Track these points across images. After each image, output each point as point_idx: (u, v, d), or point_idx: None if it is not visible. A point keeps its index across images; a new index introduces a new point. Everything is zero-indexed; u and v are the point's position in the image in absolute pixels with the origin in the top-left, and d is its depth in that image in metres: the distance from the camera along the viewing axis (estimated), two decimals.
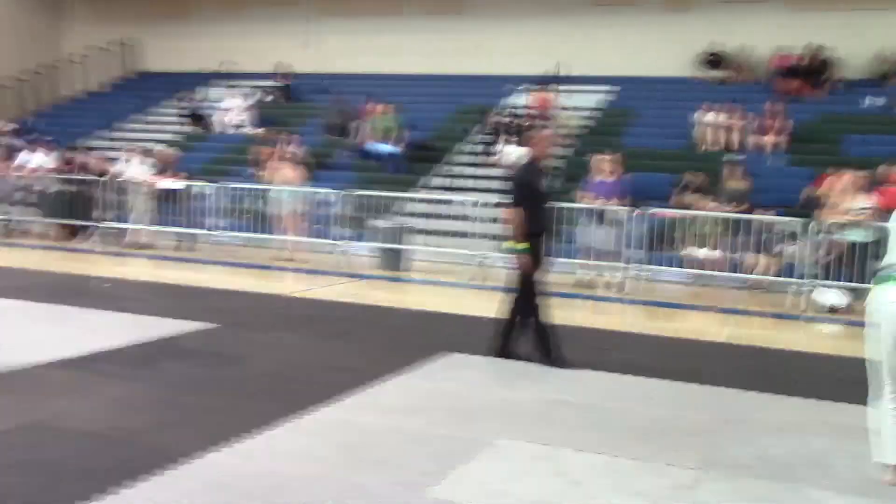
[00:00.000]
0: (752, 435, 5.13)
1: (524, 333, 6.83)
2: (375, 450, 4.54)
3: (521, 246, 6.59)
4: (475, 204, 12.97)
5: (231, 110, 19.83)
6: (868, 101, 17.50)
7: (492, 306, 7.15)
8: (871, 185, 11.86)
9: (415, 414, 5.23)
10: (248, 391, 5.62)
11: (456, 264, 12.69)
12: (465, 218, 13.79)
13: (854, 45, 18.30)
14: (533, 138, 7.15)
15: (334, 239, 13.34)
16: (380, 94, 18.07)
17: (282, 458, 4.35)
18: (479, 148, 17.06)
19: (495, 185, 15.93)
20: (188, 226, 14.38)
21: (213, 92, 22.14)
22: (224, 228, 14.24)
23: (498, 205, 13.75)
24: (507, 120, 16.98)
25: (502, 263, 12.91)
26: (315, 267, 12.68)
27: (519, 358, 6.80)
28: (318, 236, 13.69)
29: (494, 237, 13.36)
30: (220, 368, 6.21)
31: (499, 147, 16.39)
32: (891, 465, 4.20)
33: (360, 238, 13.71)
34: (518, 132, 16.27)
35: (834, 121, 17.03)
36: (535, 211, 6.68)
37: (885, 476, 4.22)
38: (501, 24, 20.98)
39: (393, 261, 12.80)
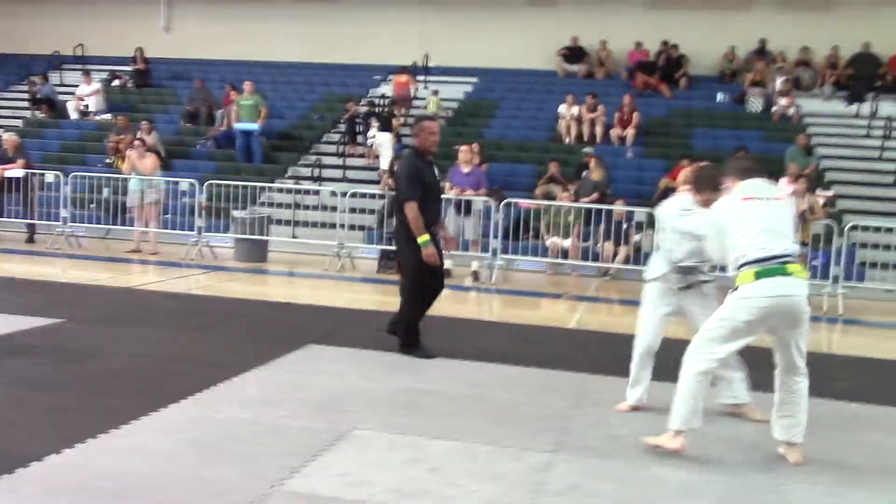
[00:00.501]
0: (602, 417, 5.32)
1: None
2: (233, 444, 4.45)
3: (423, 239, 6.43)
4: (342, 194, 12.87)
5: (85, 96, 18.93)
6: (720, 97, 18.42)
7: (354, 297, 7.15)
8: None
9: (274, 406, 5.15)
10: (98, 388, 5.39)
11: (318, 255, 12.58)
12: (327, 208, 13.69)
13: (705, 43, 19.22)
14: (416, 129, 6.88)
15: (192, 230, 12.97)
16: (244, 81, 17.65)
17: (134, 457, 4.19)
18: (346, 138, 16.95)
19: (360, 175, 15.92)
20: (38, 217, 13.67)
21: (68, 77, 21.13)
22: (76, 220, 13.61)
23: (363, 195, 13.78)
24: (364, 109, 16.94)
25: (364, 254, 12.97)
26: (173, 259, 12.31)
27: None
28: (176, 227, 13.29)
29: (360, 228, 13.35)
30: (68, 365, 5.92)
31: (371, 133, 16.37)
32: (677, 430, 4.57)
33: (220, 229, 13.39)
34: (386, 120, 16.28)
35: (686, 115, 17.84)
36: (424, 202, 6.51)
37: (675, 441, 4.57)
38: (371, 14, 20.90)
39: (254, 252, 12.56)
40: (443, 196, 8.23)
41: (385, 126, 16.07)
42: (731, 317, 4.49)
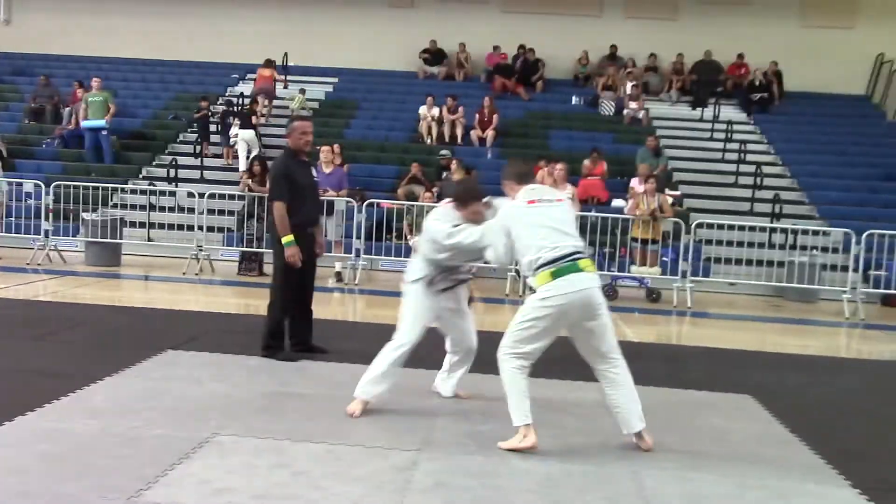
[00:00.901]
0: (465, 414, 5.39)
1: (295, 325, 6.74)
2: (84, 456, 4.25)
3: (286, 239, 6.41)
4: (200, 195, 12.51)
5: None
6: (575, 100, 19.02)
7: (213, 300, 6.95)
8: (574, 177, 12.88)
9: (128, 416, 4.95)
10: None
11: (176, 258, 12.20)
12: (184, 210, 13.28)
13: (560, 48, 19.80)
14: (290, 130, 6.84)
15: (38, 233, 12.31)
16: (92, 78, 16.89)
17: None
18: (200, 137, 16.49)
19: (218, 175, 15.53)
20: None
21: None
22: None
23: (222, 196, 13.44)
24: (221, 108, 16.57)
25: (224, 256, 12.66)
26: (16, 264, 11.66)
27: (313, 350, 6.75)
28: (20, 231, 12.58)
29: (219, 229, 13.01)
30: None
31: (233, 132, 16.05)
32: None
33: (69, 232, 12.77)
34: (246, 117, 15.98)
35: (542, 117, 18.32)
36: (298, 203, 6.49)
37: (527, 439, 4.67)
38: (227, 11, 20.42)
39: (106, 256, 12.04)
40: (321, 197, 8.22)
41: (245, 124, 15.79)
42: (534, 316, 4.66)
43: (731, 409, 5.96)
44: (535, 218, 4.70)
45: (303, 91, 18.24)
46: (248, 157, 14.73)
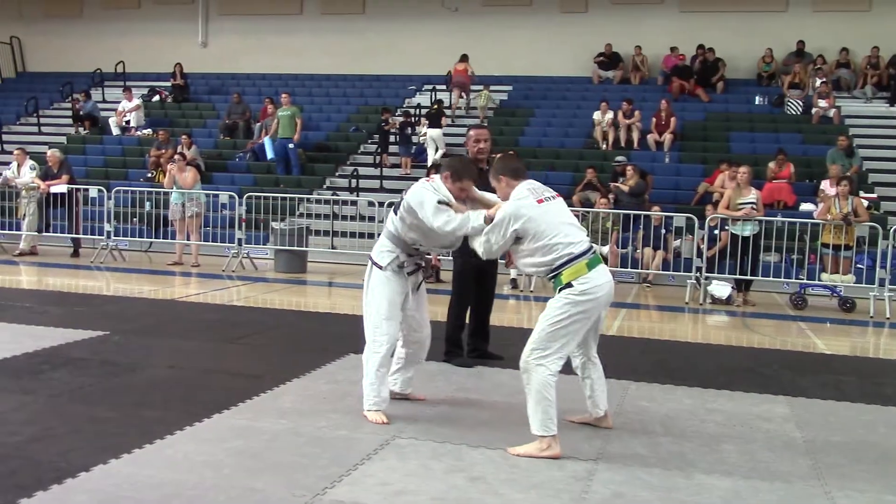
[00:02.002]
0: (643, 425, 5.26)
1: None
2: (274, 454, 4.47)
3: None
4: (379, 204, 12.92)
5: (126, 112, 19.24)
6: (758, 100, 18.24)
7: None
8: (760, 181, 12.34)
9: (315, 416, 5.17)
10: (141, 400, 5.45)
11: (357, 265, 12.62)
12: (365, 218, 13.75)
13: (741, 46, 19.04)
14: (466, 139, 6.85)
15: (232, 242, 13.10)
16: (280, 94, 17.81)
17: (177, 467, 4.23)
18: (380, 148, 17.03)
19: (397, 185, 15.97)
20: (83, 231, 13.91)
21: (109, 93, 21.49)
22: (119, 233, 13.82)
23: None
24: (400, 120, 17.09)
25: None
26: (214, 271, 12.44)
27: (490, 357, 6.85)
28: (216, 240, 13.44)
29: None
30: (112, 377, 6.00)
31: (422, 130, 16.88)
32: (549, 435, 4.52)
33: (260, 241, 13.51)
34: (435, 117, 16.75)
35: (723, 119, 17.68)
36: None
37: (552, 448, 4.52)
38: (401, 26, 21.01)
39: (293, 263, 12.65)
40: None
41: (434, 123, 16.68)
42: (578, 311, 4.57)
43: None
44: (553, 216, 4.67)
45: (488, 87, 18.87)
46: (435, 154, 15.76)
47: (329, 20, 21.53)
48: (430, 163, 15.18)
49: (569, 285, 4.57)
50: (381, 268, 5.16)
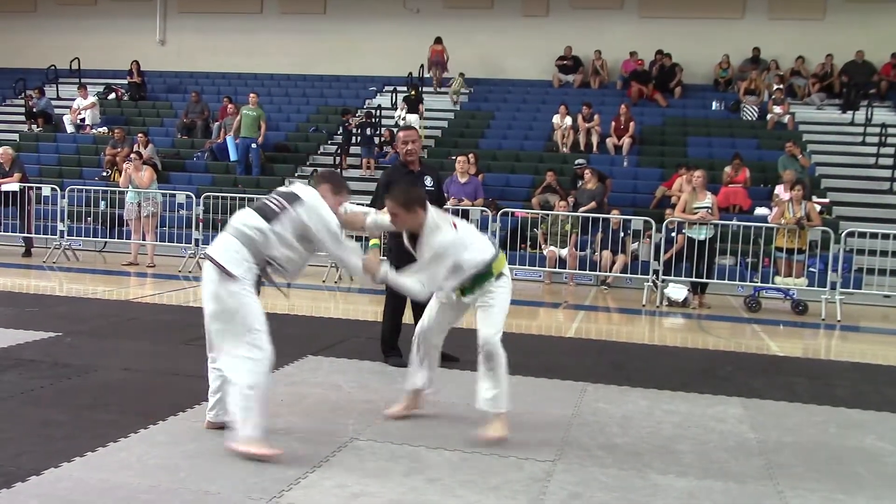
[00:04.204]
0: (600, 426, 5.30)
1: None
2: (230, 457, 4.42)
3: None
4: None
5: (81, 109, 18.93)
6: (715, 106, 18.50)
7: (351, 308, 7.12)
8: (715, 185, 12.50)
9: (271, 418, 5.09)
10: (94, 402, 5.36)
11: (317, 267, 12.54)
12: None
13: (699, 52, 19.31)
14: (395, 141, 7.04)
15: (189, 242, 12.95)
16: (239, 93, 17.69)
17: (131, 470, 4.17)
18: (341, 148, 16.97)
19: (357, 186, 15.92)
20: (35, 230, 13.66)
21: (63, 90, 21.14)
22: (73, 233, 13.59)
23: (361, 206, 13.75)
24: (359, 121, 17.11)
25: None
26: (170, 271, 12.29)
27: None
28: (173, 240, 13.28)
29: (358, 238, 13.31)
30: (65, 379, 5.90)
31: (399, 113, 17.46)
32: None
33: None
34: (413, 103, 17.43)
35: (681, 123, 17.89)
36: None
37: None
38: (365, 27, 20.98)
39: None
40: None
41: (412, 108, 17.47)
42: (510, 296, 4.98)
43: (885, 429, 5.62)
44: (468, 229, 5.05)
45: (462, 74, 19.32)
46: None
47: (289, 20, 21.40)
48: None
49: (499, 276, 4.92)
50: (231, 276, 4.57)
